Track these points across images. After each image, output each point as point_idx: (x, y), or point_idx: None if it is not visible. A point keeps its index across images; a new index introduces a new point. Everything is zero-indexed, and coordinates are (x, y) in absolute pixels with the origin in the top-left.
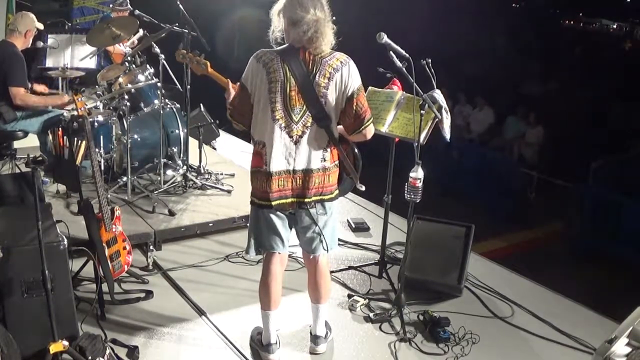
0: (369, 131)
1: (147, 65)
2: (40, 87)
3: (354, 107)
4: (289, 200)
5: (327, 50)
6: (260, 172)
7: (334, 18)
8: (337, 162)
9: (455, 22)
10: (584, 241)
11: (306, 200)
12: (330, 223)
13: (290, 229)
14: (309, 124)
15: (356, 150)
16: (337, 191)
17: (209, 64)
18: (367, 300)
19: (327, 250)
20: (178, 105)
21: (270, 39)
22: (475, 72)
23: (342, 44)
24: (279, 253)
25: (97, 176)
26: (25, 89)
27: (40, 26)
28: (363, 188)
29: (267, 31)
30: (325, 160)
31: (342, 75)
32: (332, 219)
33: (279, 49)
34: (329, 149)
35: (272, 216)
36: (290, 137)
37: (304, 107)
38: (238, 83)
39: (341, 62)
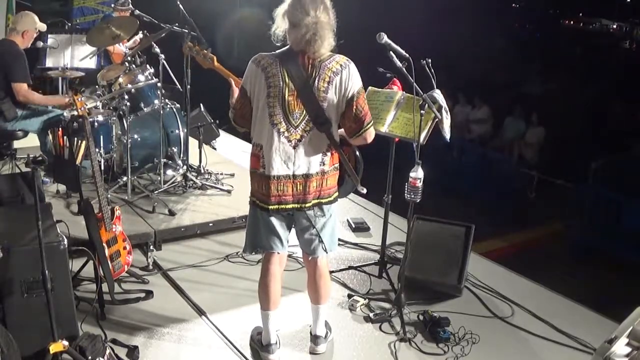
0: (369, 134)
1: (147, 65)
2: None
3: (354, 110)
4: (289, 205)
5: (327, 54)
6: (258, 174)
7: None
8: (336, 165)
9: (455, 22)
10: (584, 241)
11: (306, 205)
12: (329, 225)
13: (290, 229)
14: (308, 129)
15: (357, 153)
16: (336, 194)
17: (215, 57)
18: (367, 300)
19: (327, 252)
20: (178, 105)
21: (272, 38)
22: (475, 72)
23: (342, 44)
24: (278, 253)
25: (97, 176)
26: (28, 85)
27: (43, 27)
28: (364, 191)
29: (266, 31)
30: (324, 164)
31: (342, 78)
32: (331, 221)
33: (278, 52)
34: (328, 153)
35: (271, 218)
36: (289, 141)
37: (304, 111)
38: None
39: (341, 65)
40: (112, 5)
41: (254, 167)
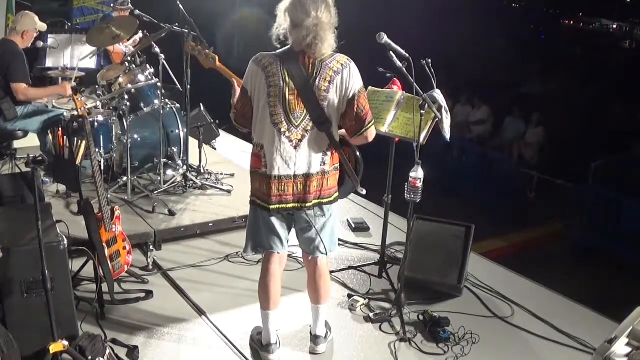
0: (371, 133)
1: (147, 65)
2: None
3: (355, 110)
4: (290, 205)
5: (328, 53)
6: (259, 174)
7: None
8: (336, 165)
9: (455, 22)
10: (584, 241)
11: (306, 204)
12: (329, 225)
13: (290, 229)
14: (309, 128)
15: (358, 154)
16: (336, 194)
17: (217, 57)
18: (367, 300)
19: (326, 254)
20: (178, 105)
21: (273, 36)
22: (475, 72)
23: (343, 45)
24: (278, 253)
25: (97, 176)
26: (27, 85)
27: (43, 27)
28: (364, 192)
29: (267, 31)
30: (324, 164)
31: (343, 78)
32: (331, 221)
33: (279, 52)
34: (329, 153)
35: (271, 217)
36: (290, 141)
37: (305, 111)
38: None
39: (342, 65)
40: (112, 5)
41: (256, 166)
